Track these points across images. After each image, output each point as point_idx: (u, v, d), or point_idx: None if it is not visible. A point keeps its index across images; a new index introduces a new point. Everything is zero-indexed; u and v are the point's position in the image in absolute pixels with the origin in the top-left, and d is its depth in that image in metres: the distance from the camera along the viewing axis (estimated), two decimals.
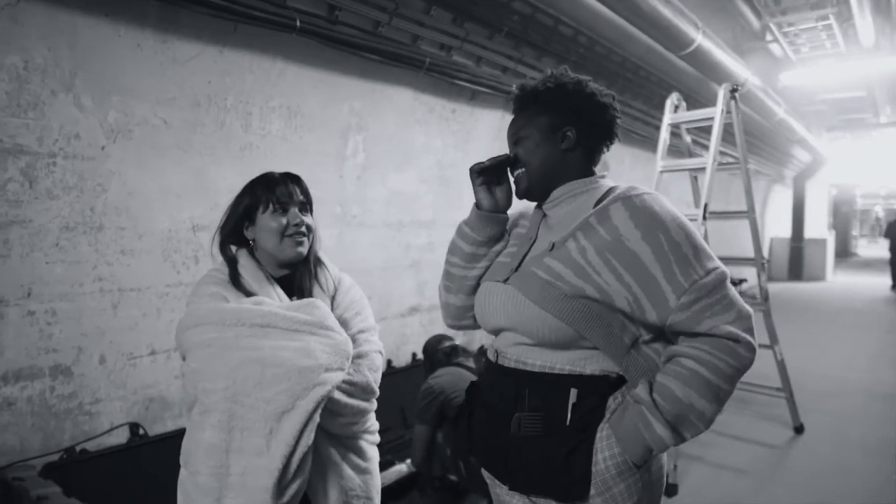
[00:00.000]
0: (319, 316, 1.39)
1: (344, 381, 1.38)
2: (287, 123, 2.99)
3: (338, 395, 1.37)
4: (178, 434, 2.50)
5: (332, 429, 1.40)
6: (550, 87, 1.31)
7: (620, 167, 6.69)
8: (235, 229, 1.47)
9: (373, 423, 1.53)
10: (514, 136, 1.33)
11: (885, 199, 32.37)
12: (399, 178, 3.85)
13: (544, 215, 1.37)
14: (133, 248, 2.45)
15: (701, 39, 4.58)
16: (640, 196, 1.20)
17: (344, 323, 1.47)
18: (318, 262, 1.53)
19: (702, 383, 1.15)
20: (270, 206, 1.43)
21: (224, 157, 2.73)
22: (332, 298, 1.51)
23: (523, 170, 1.30)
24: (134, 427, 2.44)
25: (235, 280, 1.44)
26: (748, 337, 1.15)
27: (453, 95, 4.07)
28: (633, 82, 5.77)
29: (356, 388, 1.42)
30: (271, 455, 1.29)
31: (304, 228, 1.44)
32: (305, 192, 1.49)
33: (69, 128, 2.23)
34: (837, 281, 14.05)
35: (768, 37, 6.08)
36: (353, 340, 1.45)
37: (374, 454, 1.53)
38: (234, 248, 1.49)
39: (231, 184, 2.80)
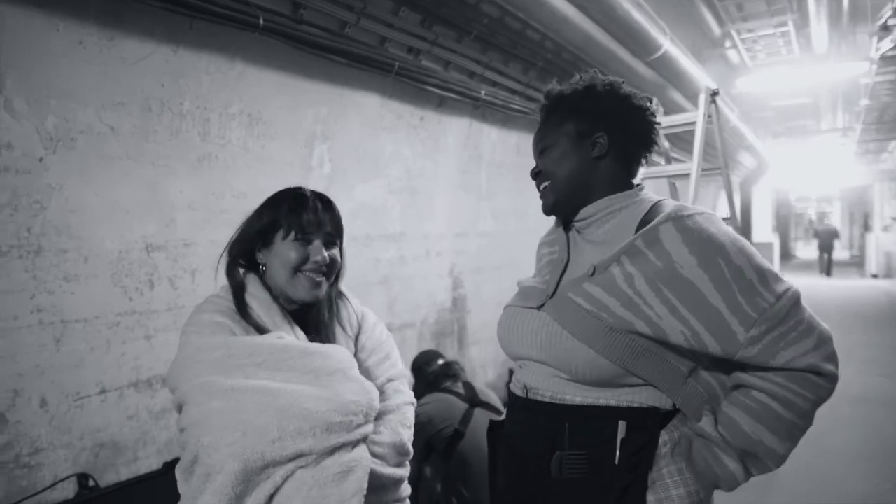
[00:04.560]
0: (347, 362, 1.16)
1: (376, 445, 1.16)
2: (248, 131, 2.73)
3: (372, 465, 1.13)
4: (134, 483, 2.21)
5: None
6: (578, 91, 1.19)
7: None
8: (247, 250, 1.23)
9: (404, 490, 1.28)
10: (539, 145, 1.23)
11: (818, 202, 33.83)
12: (366, 189, 3.61)
13: (575, 233, 1.21)
14: (78, 272, 2.15)
15: (668, 45, 4.53)
16: (692, 216, 1.04)
17: (367, 370, 1.24)
18: (340, 295, 1.31)
19: (774, 419, 1.01)
20: (292, 233, 1.20)
21: (180, 167, 2.45)
22: (356, 339, 1.28)
23: (548, 182, 1.19)
24: (82, 478, 2.13)
25: (243, 310, 1.19)
26: (831, 367, 1.00)
27: (421, 101, 3.87)
28: None
29: (388, 451, 1.18)
30: None
31: (325, 267, 1.22)
32: (337, 221, 1.28)
33: None
34: None
35: (727, 43, 6.13)
36: (381, 392, 1.22)
37: None
38: (241, 271, 1.25)
39: (188, 197, 2.54)
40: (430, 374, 2.54)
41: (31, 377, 2.04)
